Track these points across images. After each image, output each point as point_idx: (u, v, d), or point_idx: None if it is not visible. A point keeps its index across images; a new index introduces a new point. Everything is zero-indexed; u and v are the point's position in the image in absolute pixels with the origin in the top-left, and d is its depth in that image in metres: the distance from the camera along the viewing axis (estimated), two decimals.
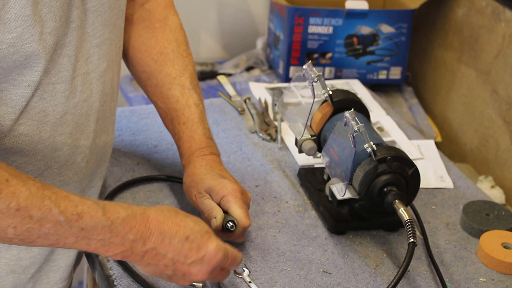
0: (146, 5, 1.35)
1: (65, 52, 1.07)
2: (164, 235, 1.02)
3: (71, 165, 1.16)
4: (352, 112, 1.23)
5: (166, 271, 1.04)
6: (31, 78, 1.03)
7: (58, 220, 0.94)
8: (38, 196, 0.94)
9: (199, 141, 1.29)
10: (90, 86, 1.14)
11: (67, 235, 0.96)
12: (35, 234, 0.94)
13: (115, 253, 1.00)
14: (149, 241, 1.01)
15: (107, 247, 0.99)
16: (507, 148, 1.74)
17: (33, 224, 0.93)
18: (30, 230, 0.93)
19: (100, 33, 1.13)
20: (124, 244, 1.00)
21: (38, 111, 1.07)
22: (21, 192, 0.92)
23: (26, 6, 0.96)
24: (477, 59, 1.86)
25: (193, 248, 1.04)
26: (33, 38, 0.99)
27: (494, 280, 1.25)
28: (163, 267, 1.04)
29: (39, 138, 1.10)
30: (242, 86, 1.96)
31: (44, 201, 0.94)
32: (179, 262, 1.03)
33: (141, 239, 1.01)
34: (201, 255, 1.04)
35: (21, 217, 0.92)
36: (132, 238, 1.00)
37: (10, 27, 0.97)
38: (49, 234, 0.95)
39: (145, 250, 1.01)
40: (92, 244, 0.98)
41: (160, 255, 1.02)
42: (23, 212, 0.92)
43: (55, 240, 0.96)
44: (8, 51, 0.98)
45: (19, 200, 0.92)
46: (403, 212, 1.20)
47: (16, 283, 1.19)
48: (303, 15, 1.92)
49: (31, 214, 0.93)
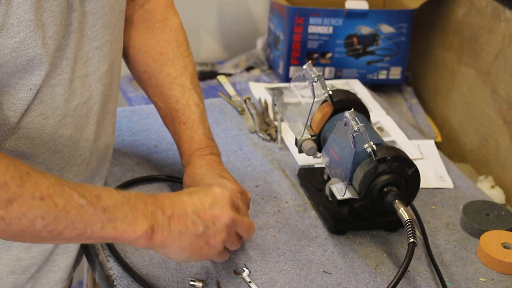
0: (146, 6, 1.35)
1: (64, 55, 1.07)
2: (173, 199, 1.04)
3: (71, 167, 1.16)
4: (352, 112, 1.23)
5: (198, 229, 1.04)
6: (32, 82, 1.03)
7: (81, 204, 0.95)
8: (58, 184, 0.95)
9: (199, 141, 1.29)
10: (89, 89, 1.14)
11: (92, 220, 0.96)
12: (63, 223, 0.94)
13: (144, 229, 0.99)
14: (166, 208, 1.03)
15: (134, 225, 0.99)
16: (507, 148, 1.74)
17: (59, 212, 0.94)
18: (57, 219, 0.94)
19: (100, 35, 1.13)
20: (147, 217, 1.00)
21: (38, 114, 1.07)
22: (42, 182, 0.94)
23: (29, 11, 0.97)
24: (477, 59, 1.86)
25: (201, 196, 1.07)
26: (36, 43, 0.99)
27: (494, 280, 1.25)
28: (193, 226, 1.04)
29: (39, 141, 1.10)
30: (242, 86, 1.96)
31: (64, 188, 0.95)
32: (200, 210, 1.05)
33: (158, 208, 1.02)
34: (213, 195, 1.07)
35: (47, 206, 0.93)
36: (151, 210, 1.01)
37: (13, 32, 0.97)
38: (75, 222, 0.95)
39: (168, 217, 1.02)
40: (118, 226, 0.98)
41: (182, 214, 1.03)
42: (47, 200, 0.93)
43: (83, 228, 0.96)
44: (11, 56, 0.98)
45: (42, 189, 0.93)
46: (403, 212, 1.20)
47: (16, 284, 1.19)
48: (303, 15, 1.92)
49: (56, 202, 0.94)
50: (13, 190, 0.91)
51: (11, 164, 0.92)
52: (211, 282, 1.17)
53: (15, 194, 0.91)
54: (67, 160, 1.15)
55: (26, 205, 0.92)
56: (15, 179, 0.92)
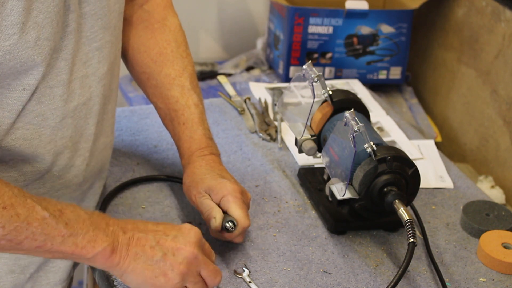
0: (145, 6, 1.35)
1: (62, 56, 1.07)
2: (137, 223, 1.05)
3: (70, 168, 1.16)
4: (352, 112, 1.23)
5: (156, 255, 1.03)
6: (26, 81, 1.03)
7: (44, 216, 0.95)
8: (21, 196, 0.96)
9: (199, 141, 1.29)
10: (89, 90, 1.14)
11: (54, 233, 0.96)
12: (23, 234, 0.95)
13: (103, 246, 1.00)
14: (127, 230, 1.03)
15: (93, 242, 0.99)
16: (507, 148, 1.74)
17: (20, 223, 0.94)
18: (18, 229, 0.94)
19: (100, 36, 1.13)
20: (108, 235, 1.01)
21: (36, 115, 1.07)
22: (5, 192, 0.94)
23: (22, 13, 0.97)
24: (477, 59, 1.86)
25: (168, 227, 1.07)
26: (28, 45, 0.99)
27: (494, 280, 1.25)
28: (150, 251, 1.03)
29: (39, 142, 1.09)
30: (242, 86, 1.96)
31: (27, 200, 0.96)
32: (162, 238, 1.04)
33: (119, 228, 1.02)
34: (180, 230, 1.06)
35: (8, 216, 0.93)
36: (112, 229, 1.02)
37: (6, 34, 0.97)
38: (36, 234, 0.95)
39: (128, 237, 1.02)
40: (78, 242, 0.98)
41: (143, 237, 1.03)
42: (10, 210, 0.93)
43: (43, 240, 0.96)
44: (5, 58, 0.98)
45: (4, 199, 0.93)
46: (403, 212, 1.20)
47: (16, 283, 1.19)
48: (303, 15, 1.92)
49: (18, 212, 0.94)
50: None
51: None
52: None
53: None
54: (67, 161, 1.15)
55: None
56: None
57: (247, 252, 1.25)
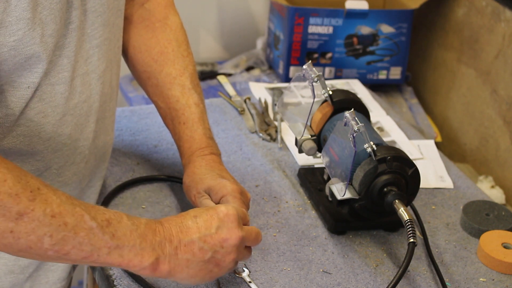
0: (146, 5, 1.35)
1: (65, 53, 1.07)
2: (179, 225, 1.03)
3: (70, 165, 1.16)
4: (352, 112, 1.23)
5: (206, 255, 1.03)
6: (31, 79, 1.03)
7: (91, 227, 0.94)
8: (69, 203, 0.94)
9: (199, 141, 1.29)
10: (89, 87, 1.14)
11: (100, 244, 0.95)
12: (70, 244, 0.93)
13: (150, 261, 0.99)
14: (173, 238, 1.02)
15: (140, 256, 0.98)
16: (507, 148, 1.74)
17: (68, 232, 0.92)
18: (66, 238, 0.92)
19: (100, 33, 1.13)
20: (155, 249, 0.99)
21: (37, 112, 1.07)
22: (53, 200, 0.92)
23: (27, 9, 0.96)
24: (477, 59, 1.86)
25: (206, 218, 1.05)
26: (34, 41, 0.99)
27: (494, 280, 1.25)
28: (200, 253, 1.03)
29: (38, 139, 1.09)
30: (242, 86, 1.96)
31: (75, 208, 0.94)
32: (207, 236, 1.04)
33: (165, 239, 1.01)
34: (217, 218, 1.05)
35: (56, 224, 0.91)
36: (159, 240, 1.00)
37: (11, 30, 0.97)
38: (83, 244, 0.94)
39: (175, 247, 1.01)
40: (125, 255, 0.97)
41: (189, 242, 1.02)
42: (58, 218, 0.91)
43: (89, 251, 0.95)
44: (10, 54, 0.98)
45: (53, 207, 0.91)
46: (403, 212, 1.20)
47: (15, 283, 1.19)
48: (303, 15, 1.92)
49: (66, 221, 0.92)
50: (24, 203, 0.89)
51: (22, 177, 0.91)
52: (211, 282, 1.17)
53: (26, 208, 0.90)
54: (66, 158, 1.15)
55: (36, 221, 0.90)
56: (26, 193, 0.90)
57: None
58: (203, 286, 1.16)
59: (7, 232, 0.90)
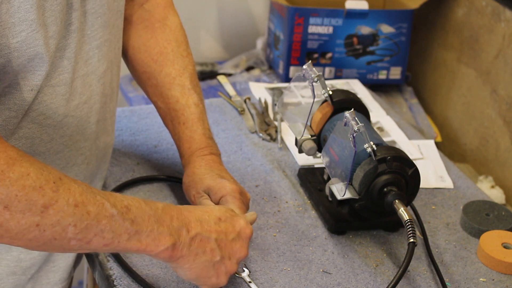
0: (145, 5, 1.35)
1: (65, 55, 1.07)
2: (201, 220, 1.05)
3: (71, 166, 1.16)
4: (352, 112, 1.23)
5: (215, 257, 1.05)
6: (34, 82, 1.03)
7: (112, 214, 0.94)
8: (90, 192, 0.94)
9: (199, 141, 1.29)
10: (90, 88, 1.14)
11: (121, 231, 0.95)
12: (93, 232, 0.93)
13: (166, 245, 1.00)
14: (191, 228, 1.03)
15: (157, 240, 0.99)
16: (507, 148, 1.74)
17: (91, 220, 0.93)
18: (89, 227, 0.93)
19: (99, 34, 1.13)
20: (172, 234, 1.00)
21: (38, 114, 1.07)
22: (75, 189, 0.92)
23: (30, 10, 0.96)
24: (477, 59, 1.86)
25: (228, 226, 1.08)
26: (38, 42, 0.99)
27: (494, 280, 1.25)
28: (211, 253, 1.05)
29: (40, 141, 1.10)
30: (242, 86, 1.96)
31: (96, 196, 0.94)
32: (223, 241, 1.06)
33: (184, 226, 1.02)
34: (237, 230, 1.09)
35: (80, 214, 0.92)
36: (176, 225, 1.01)
37: (14, 31, 0.96)
38: (105, 231, 0.94)
39: (191, 237, 1.02)
40: (143, 240, 0.98)
41: (205, 239, 1.04)
42: (81, 208, 0.92)
43: (110, 238, 0.95)
44: (13, 56, 0.98)
45: (75, 196, 0.92)
46: (403, 212, 1.20)
47: (16, 284, 1.19)
48: (303, 15, 1.92)
49: (89, 210, 0.93)
50: (48, 195, 0.89)
51: (44, 168, 0.91)
52: None
53: (51, 199, 0.90)
54: (67, 160, 1.15)
55: (61, 211, 0.90)
56: (50, 184, 0.90)
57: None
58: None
59: (33, 226, 0.90)
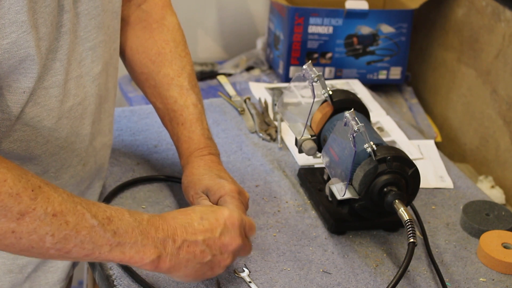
0: (143, 6, 1.35)
1: (58, 57, 1.06)
2: (185, 225, 1.04)
3: (67, 168, 1.16)
4: (352, 112, 1.23)
5: (205, 258, 1.05)
6: (26, 84, 1.03)
7: (92, 225, 0.94)
8: (70, 201, 0.94)
9: (198, 141, 1.29)
10: (84, 89, 1.14)
11: (101, 242, 0.95)
12: (72, 242, 0.93)
13: (152, 258, 0.99)
14: (177, 236, 1.03)
15: (142, 252, 0.99)
16: (507, 148, 1.74)
17: (69, 231, 0.92)
18: (67, 237, 0.93)
19: (93, 36, 1.13)
20: (157, 246, 1.00)
21: (32, 116, 1.07)
22: (55, 198, 0.92)
23: (20, 12, 0.96)
24: (477, 59, 1.86)
25: (212, 222, 1.07)
26: (28, 44, 0.98)
27: (494, 280, 1.25)
28: (201, 255, 1.05)
29: (35, 144, 1.09)
30: (242, 86, 1.96)
31: (76, 206, 0.94)
32: (211, 239, 1.05)
33: (169, 237, 1.02)
34: (223, 222, 1.07)
35: (58, 224, 0.92)
36: (161, 237, 1.01)
37: (4, 33, 0.96)
38: (84, 242, 0.94)
39: (178, 246, 1.02)
40: (126, 252, 0.97)
41: (193, 243, 1.04)
42: (59, 217, 0.92)
43: (91, 249, 0.95)
44: (3, 57, 0.98)
45: (54, 205, 0.92)
46: (403, 212, 1.20)
47: (14, 283, 1.19)
48: (303, 15, 1.92)
49: (68, 220, 0.92)
50: (25, 202, 0.89)
51: (23, 176, 0.91)
52: (211, 282, 1.17)
53: (28, 207, 0.90)
54: (63, 161, 1.15)
55: (38, 220, 0.90)
56: (27, 192, 0.90)
57: None
58: (203, 286, 1.16)
59: (9, 233, 0.90)
